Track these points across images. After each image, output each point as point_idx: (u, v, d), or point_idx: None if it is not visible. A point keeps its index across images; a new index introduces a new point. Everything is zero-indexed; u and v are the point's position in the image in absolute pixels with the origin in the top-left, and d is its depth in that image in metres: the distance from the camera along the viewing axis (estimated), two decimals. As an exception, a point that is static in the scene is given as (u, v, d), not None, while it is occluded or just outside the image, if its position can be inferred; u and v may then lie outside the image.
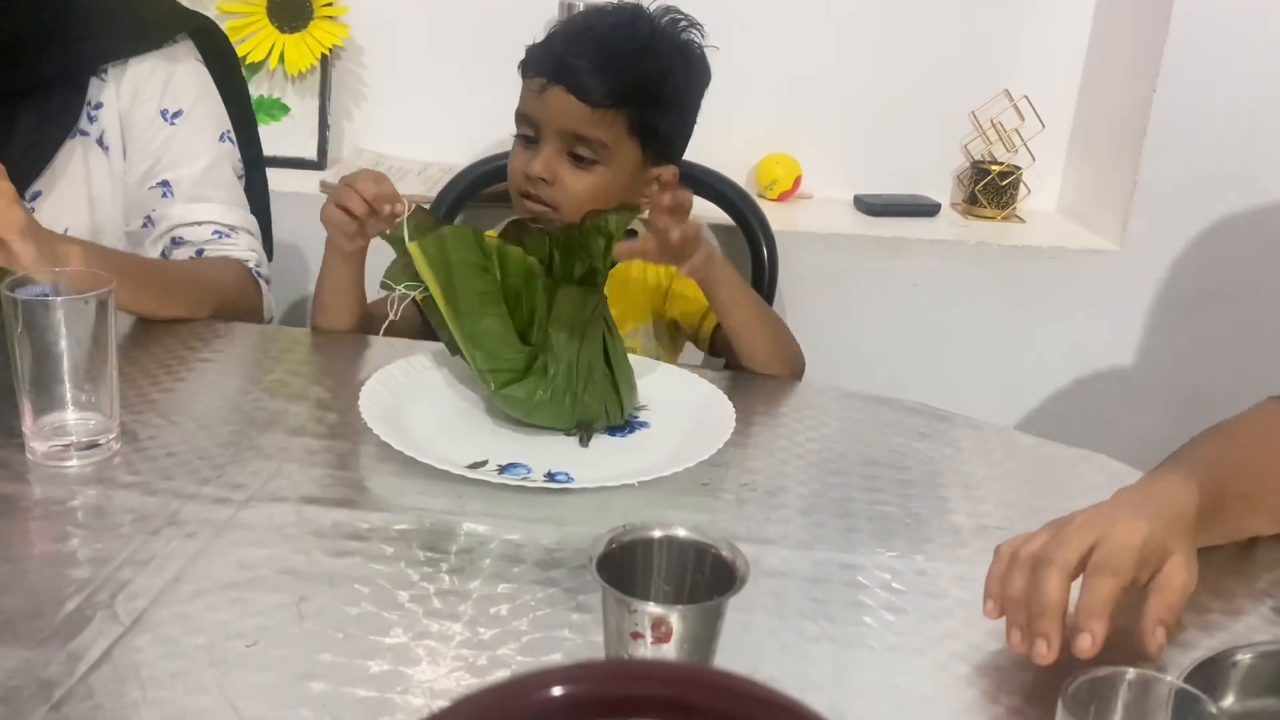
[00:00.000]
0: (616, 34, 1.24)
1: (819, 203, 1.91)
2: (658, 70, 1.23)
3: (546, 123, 1.23)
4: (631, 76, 1.21)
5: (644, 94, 1.22)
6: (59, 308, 0.85)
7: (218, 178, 1.25)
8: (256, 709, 0.62)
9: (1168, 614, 0.68)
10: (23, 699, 0.61)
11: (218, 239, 1.23)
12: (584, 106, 1.21)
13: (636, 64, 1.22)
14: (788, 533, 0.84)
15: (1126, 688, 0.52)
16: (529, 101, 1.25)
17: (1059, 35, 1.86)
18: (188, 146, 1.23)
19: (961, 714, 0.66)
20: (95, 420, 0.89)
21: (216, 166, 1.25)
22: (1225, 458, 0.84)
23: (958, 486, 0.94)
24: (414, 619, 0.71)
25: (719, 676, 0.27)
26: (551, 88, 1.22)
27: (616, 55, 1.21)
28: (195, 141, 1.24)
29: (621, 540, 0.64)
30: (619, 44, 1.23)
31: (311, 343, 1.15)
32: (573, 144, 1.22)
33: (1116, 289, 1.78)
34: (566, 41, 1.24)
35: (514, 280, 1.00)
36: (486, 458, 0.92)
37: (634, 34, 1.24)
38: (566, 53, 1.22)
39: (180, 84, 1.24)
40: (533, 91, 1.24)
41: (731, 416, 0.99)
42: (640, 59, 1.22)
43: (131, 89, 1.22)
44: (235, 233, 1.25)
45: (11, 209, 0.92)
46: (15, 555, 0.75)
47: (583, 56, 1.21)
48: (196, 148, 1.24)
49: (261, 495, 0.84)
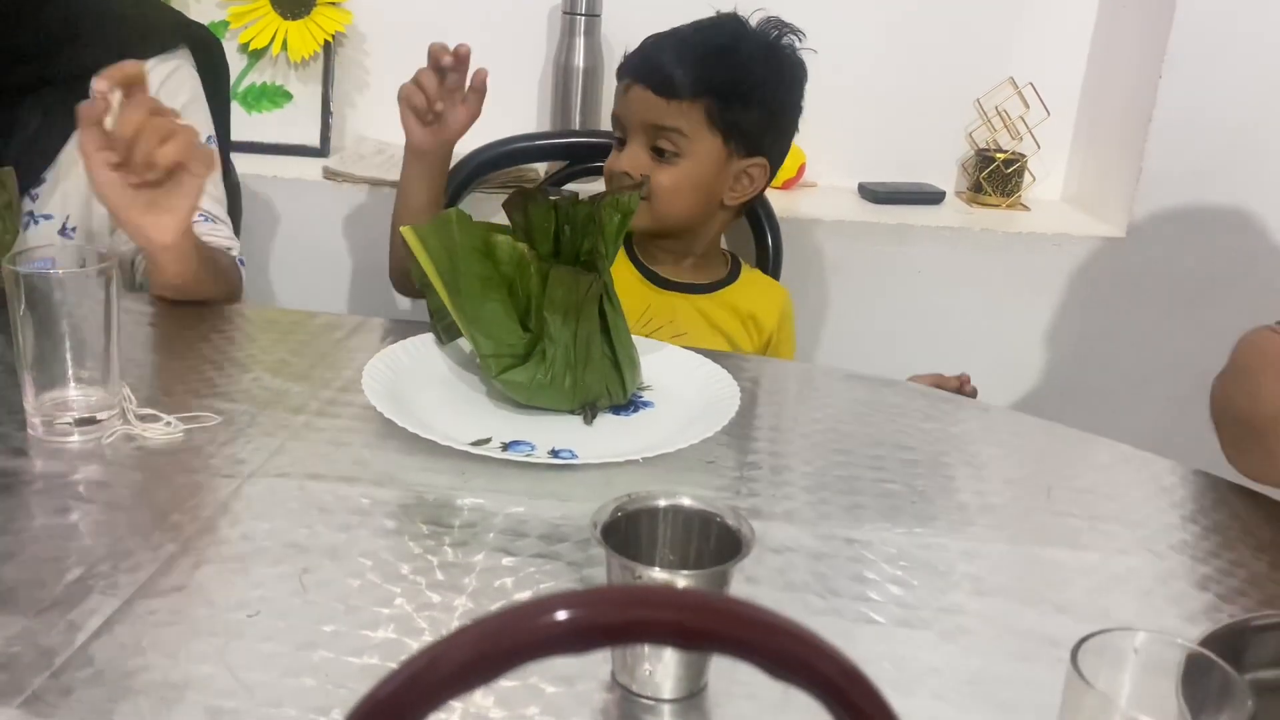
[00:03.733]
0: (700, 34, 1.31)
1: (823, 191, 1.90)
2: (737, 64, 1.28)
3: (630, 119, 1.30)
4: (708, 69, 1.27)
5: (721, 85, 1.27)
6: (61, 282, 0.85)
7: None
8: (258, 677, 0.61)
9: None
10: (23, 666, 0.61)
11: (203, 222, 1.23)
12: (659, 99, 1.27)
13: (715, 58, 1.28)
14: (793, 509, 0.84)
15: (1137, 650, 0.51)
16: (618, 102, 1.33)
17: (1064, 22, 1.86)
18: None
19: (968, 685, 0.65)
20: (97, 396, 0.88)
21: None
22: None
23: (964, 465, 0.93)
24: (417, 590, 0.70)
25: (722, 601, 0.26)
26: (634, 86, 1.29)
27: (696, 51, 1.28)
28: None
29: (626, 509, 0.63)
30: (700, 41, 1.29)
31: (314, 324, 1.15)
32: (654, 137, 1.28)
33: (1121, 276, 1.77)
34: (656, 45, 1.32)
35: (506, 268, 0.99)
36: (490, 435, 0.91)
37: (718, 33, 1.30)
38: (651, 52, 1.31)
39: (175, 85, 1.26)
40: (621, 93, 1.32)
41: (736, 396, 0.98)
42: (720, 54, 1.28)
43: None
44: (219, 221, 1.28)
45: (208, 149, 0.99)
46: (16, 527, 0.74)
47: (664, 54, 1.29)
48: None
49: (264, 471, 0.84)
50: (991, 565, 0.78)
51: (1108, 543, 0.82)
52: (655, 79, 1.27)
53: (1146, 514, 0.87)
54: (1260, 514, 0.88)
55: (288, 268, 1.82)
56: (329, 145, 1.88)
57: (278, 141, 1.86)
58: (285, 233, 1.80)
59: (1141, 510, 0.88)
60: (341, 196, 1.77)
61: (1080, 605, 0.74)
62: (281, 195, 1.78)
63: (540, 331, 0.97)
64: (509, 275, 0.99)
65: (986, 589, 0.75)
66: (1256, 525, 0.86)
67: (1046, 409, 1.81)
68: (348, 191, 1.76)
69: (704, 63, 1.27)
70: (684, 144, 1.28)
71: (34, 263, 0.86)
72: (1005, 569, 0.78)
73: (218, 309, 1.15)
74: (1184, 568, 0.80)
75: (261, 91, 1.87)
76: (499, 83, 1.89)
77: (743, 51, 1.30)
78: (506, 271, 0.99)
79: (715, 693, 0.63)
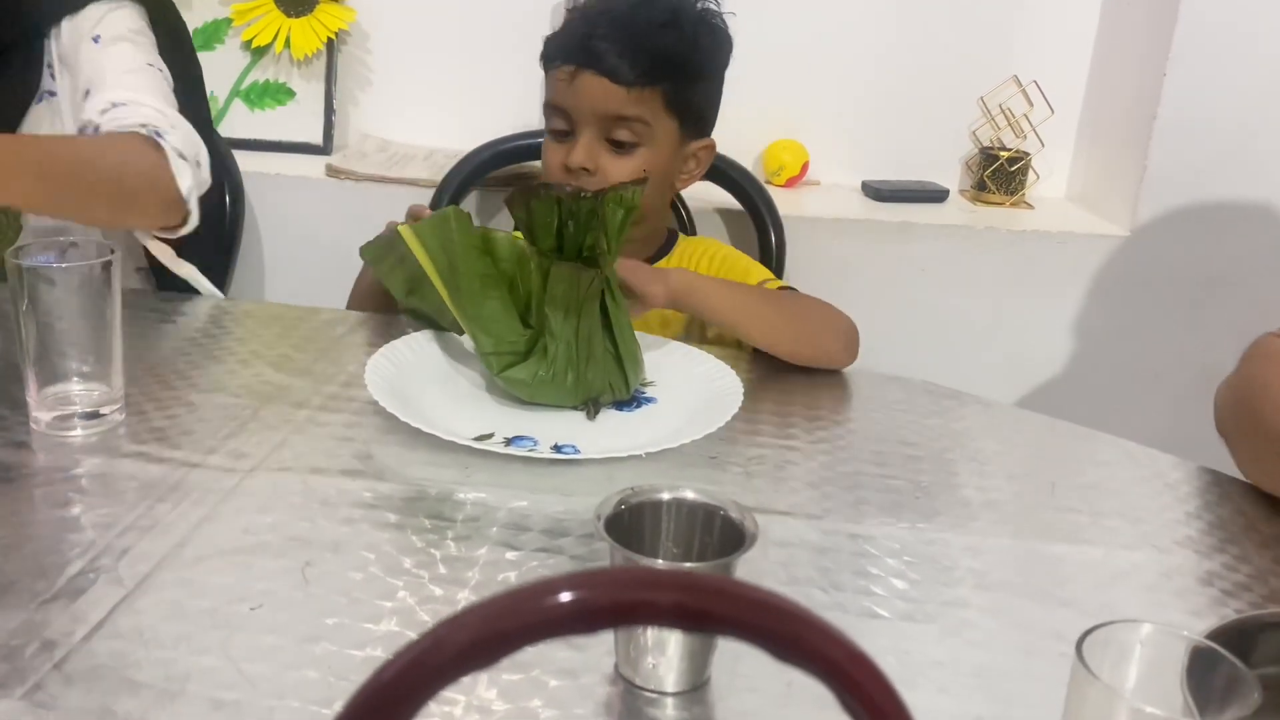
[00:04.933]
0: (637, 11, 1.21)
1: (827, 189, 1.90)
2: (684, 42, 1.21)
3: (581, 110, 1.19)
4: (660, 51, 1.18)
5: (675, 67, 1.20)
6: (63, 275, 0.85)
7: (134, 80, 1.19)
8: (260, 669, 0.61)
9: None
10: (25, 658, 0.61)
11: (112, 108, 1.15)
12: (618, 87, 1.17)
13: (663, 38, 1.19)
14: (796, 504, 0.83)
15: (1143, 642, 0.51)
16: (559, 91, 1.21)
17: (1068, 19, 1.85)
18: (111, 60, 1.20)
19: (972, 679, 0.65)
20: (99, 391, 0.88)
21: (137, 73, 1.20)
22: None
23: (967, 461, 0.93)
24: (419, 584, 0.70)
25: (726, 583, 0.26)
26: (582, 73, 1.18)
27: (642, 32, 1.19)
28: (119, 59, 1.20)
29: (630, 502, 0.63)
30: (642, 20, 1.20)
31: (316, 320, 1.15)
32: (611, 128, 1.19)
33: (1125, 274, 1.77)
34: (587, 24, 1.21)
35: (506, 265, 0.99)
36: (493, 430, 0.91)
37: (654, 8, 1.21)
38: (590, 35, 1.19)
39: (116, 19, 1.23)
40: (562, 80, 1.20)
41: (739, 392, 0.98)
42: (665, 33, 1.19)
43: (72, 28, 1.22)
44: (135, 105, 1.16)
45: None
46: (19, 520, 0.74)
47: (608, 38, 1.18)
48: (120, 63, 1.20)
49: (266, 465, 0.84)
50: (995, 560, 0.78)
51: (1111, 538, 0.82)
52: (607, 67, 1.17)
53: (1150, 509, 0.87)
54: (1264, 510, 0.88)
55: (291, 264, 1.82)
56: (332, 143, 1.88)
57: (281, 139, 1.87)
58: (288, 230, 1.80)
59: (1145, 506, 0.87)
60: (344, 194, 1.77)
61: (1084, 600, 0.74)
62: (284, 192, 1.78)
63: (541, 328, 0.96)
64: (509, 272, 0.99)
65: (990, 584, 0.75)
66: (1260, 521, 0.86)
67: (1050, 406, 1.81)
68: (350, 189, 1.76)
69: (654, 45, 1.18)
70: (644, 132, 1.19)
71: (37, 256, 0.86)
72: (1009, 564, 0.78)
73: (218, 304, 1.15)
74: (1188, 563, 0.80)
75: (264, 89, 1.87)
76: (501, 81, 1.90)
77: (686, 27, 1.21)
78: (507, 268, 0.99)
79: (718, 686, 0.63)
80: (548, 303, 0.96)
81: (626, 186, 0.97)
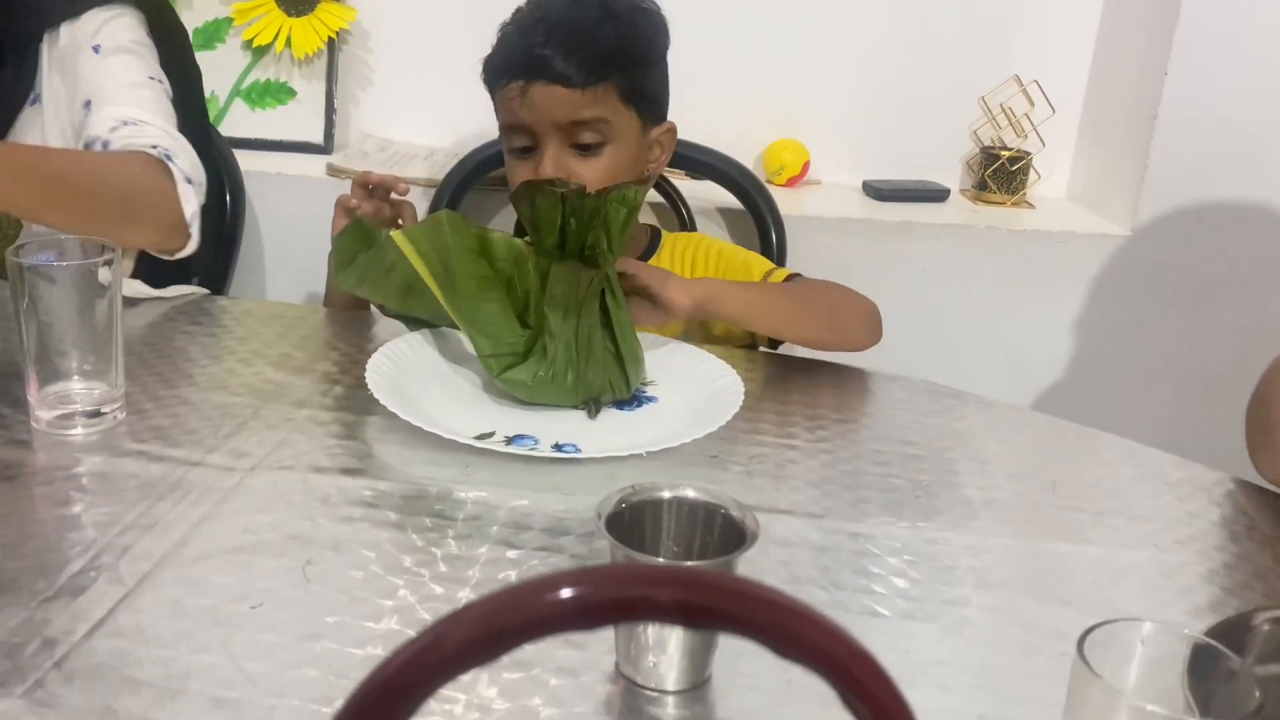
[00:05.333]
0: (570, 12, 1.19)
1: (827, 188, 1.90)
2: (625, 32, 1.19)
3: (541, 122, 1.17)
4: (604, 47, 1.17)
5: (623, 59, 1.18)
6: (65, 274, 0.85)
7: (138, 95, 1.20)
8: (261, 668, 0.61)
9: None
10: (26, 656, 0.61)
11: (123, 126, 1.16)
12: (573, 91, 1.16)
13: (604, 33, 1.17)
14: (797, 503, 0.83)
15: (1144, 641, 0.51)
16: (513, 109, 1.19)
17: (1069, 19, 1.85)
18: (114, 74, 1.21)
19: (973, 678, 0.65)
20: (100, 389, 0.88)
21: (140, 88, 1.21)
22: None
23: (968, 461, 0.93)
24: (420, 582, 0.70)
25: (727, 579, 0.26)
26: (533, 85, 1.16)
27: (581, 32, 1.17)
28: (122, 73, 1.21)
29: (630, 500, 0.63)
30: (578, 20, 1.17)
31: (317, 318, 1.15)
32: (574, 134, 1.18)
33: (1126, 274, 1.76)
34: (525, 36, 1.19)
35: (503, 265, 0.99)
36: (493, 429, 0.91)
37: (586, 6, 1.19)
38: (531, 46, 1.17)
39: (116, 28, 1.23)
40: (513, 98, 1.18)
41: (740, 391, 0.98)
42: (604, 27, 1.18)
43: (71, 36, 1.22)
44: (144, 125, 1.17)
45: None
46: (19, 519, 0.74)
47: (550, 44, 1.16)
48: (122, 75, 1.21)
49: (267, 464, 0.83)
50: (996, 559, 0.78)
51: (1112, 537, 0.82)
52: (555, 72, 1.15)
53: (1151, 508, 0.87)
54: (1266, 509, 0.87)
55: (291, 264, 1.82)
56: (332, 142, 1.88)
57: (281, 138, 1.86)
58: (289, 229, 1.80)
59: (1146, 504, 0.87)
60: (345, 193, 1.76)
61: (1085, 599, 0.74)
62: (285, 192, 1.78)
63: (540, 328, 0.96)
64: (506, 272, 0.99)
65: (991, 582, 0.75)
66: (1262, 520, 0.86)
67: (1050, 405, 1.81)
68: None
69: (599, 40, 1.16)
70: (608, 130, 1.18)
71: (37, 255, 0.86)
72: (1009, 563, 0.78)
73: (218, 302, 1.15)
74: (1189, 562, 0.79)
75: (265, 88, 1.87)
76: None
77: (621, 16, 1.19)
78: (504, 268, 0.99)
79: (719, 684, 0.63)
80: (547, 302, 0.96)
81: (629, 186, 0.97)
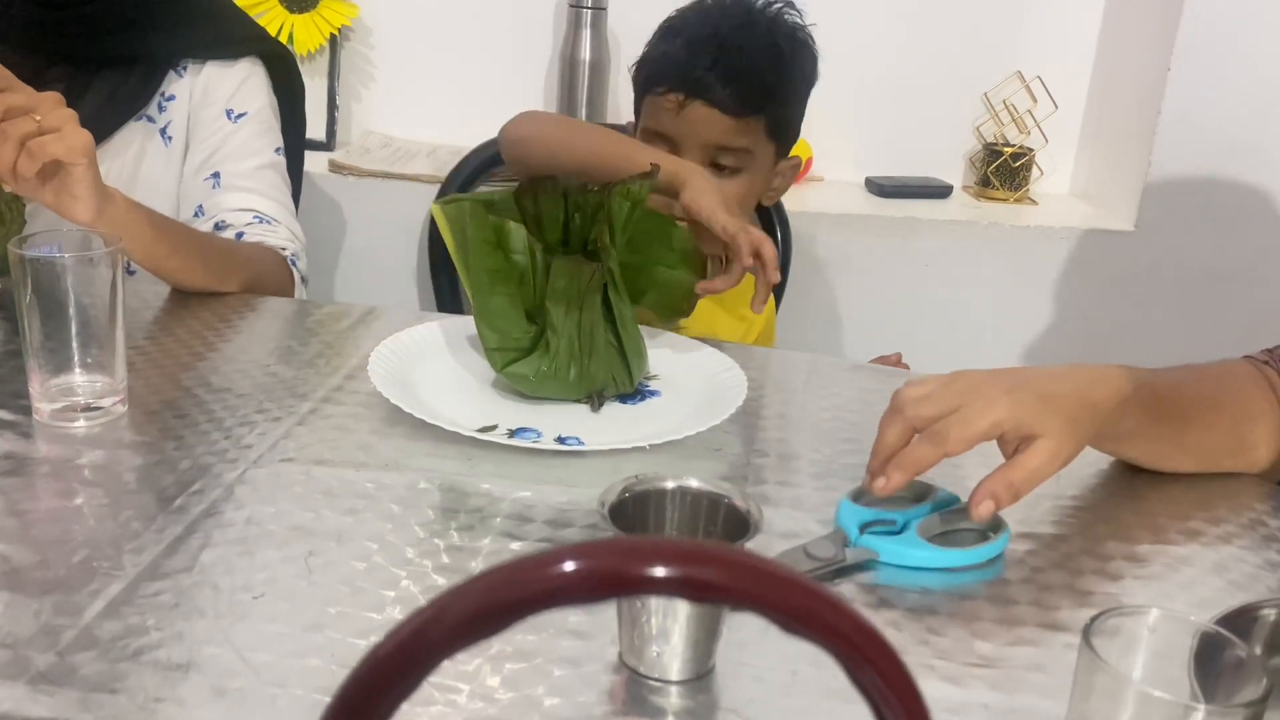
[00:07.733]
0: (740, 37, 1.20)
1: (831, 185, 1.90)
2: (785, 67, 1.21)
3: (688, 138, 1.19)
4: (765, 81, 1.19)
5: (779, 95, 1.21)
6: (67, 267, 0.85)
7: (266, 178, 1.29)
8: (263, 658, 0.61)
9: (1003, 489, 0.70)
10: (28, 646, 0.61)
11: (258, 223, 1.25)
12: (726, 118, 1.18)
13: (766, 67, 1.19)
14: (800, 496, 0.83)
15: (1150, 629, 0.51)
16: (665, 119, 1.20)
17: (1071, 15, 1.85)
18: (243, 145, 1.28)
19: (981, 661, 0.65)
20: (102, 382, 0.88)
21: (267, 169, 1.30)
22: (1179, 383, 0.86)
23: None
24: (423, 573, 0.70)
25: (733, 554, 0.26)
26: (690, 103, 1.18)
27: (747, 61, 1.18)
28: (252, 142, 1.29)
29: (634, 490, 0.63)
30: (747, 49, 1.19)
31: (320, 312, 1.15)
32: (716, 155, 1.20)
33: (1129, 271, 1.76)
34: (691, 53, 1.20)
35: (519, 257, 0.99)
36: (497, 422, 0.91)
37: (755, 34, 1.21)
38: (695, 65, 1.18)
39: (250, 91, 1.30)
40: (668, 109, 1.20)
41: (743, 385, 0.98)
42: (768, 60, 1.20)
43: (204, 88, 1.28)
44: (276, 223, 1.27)
45: (79, 131, 0.94)
46: (21, 510, 0.74)
47: (714, 69, 1.17)
48: (251, 148, 1.29)
49: (270, 456, 0.83)
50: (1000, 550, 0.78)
51: (1117, 529, 0.82)
52: (717, 95, 1.17)
53: (1155, 502, 0.86)
54: (1271, 502, 0.87)
55: (294, 260, 1.81)
56: (335, 139, 1.88)
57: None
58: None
59: (1150, 498, 0.87)
60: (347, 190, 1.77)
61: (1091, 591, 0.74)
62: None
63: (544, 323, 0.96)
64: (521, 264, 0.98)
65: (995, 569, 0.75)
66: (1267, 514, 0.86)
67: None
68: (353, 185, 1.76)
69: (759, 75, 1.19)
70: (747, 159, 1.21)
71: (40, 248, 0.86)
72: (1013, 555, 0.77)
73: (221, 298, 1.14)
74: (1195, 555, 0.79)
75: (268, 85, 1.87)
76: (504, 77, 1.90)
77: (783, 49, 1.21)
78: (520, 260, 0.98)
79: (723, 674, 0.62)
80: (549, 297, 0.96)
81: (634, 180, 0.97)
